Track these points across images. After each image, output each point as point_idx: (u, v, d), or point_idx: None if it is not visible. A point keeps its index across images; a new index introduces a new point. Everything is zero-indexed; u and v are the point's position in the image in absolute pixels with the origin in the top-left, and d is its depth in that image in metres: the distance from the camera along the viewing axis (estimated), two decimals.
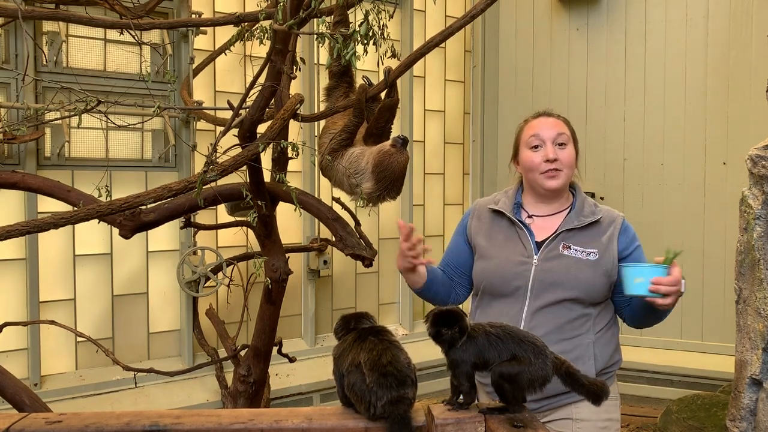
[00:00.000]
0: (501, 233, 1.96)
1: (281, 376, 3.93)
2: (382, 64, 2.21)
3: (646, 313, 1.86)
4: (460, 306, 2.13)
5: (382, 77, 2.19)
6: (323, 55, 3.96)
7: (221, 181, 2.11)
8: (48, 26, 3.33)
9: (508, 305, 1.88)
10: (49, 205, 3.06)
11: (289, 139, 2.15)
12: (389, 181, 2.16)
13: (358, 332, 1.45)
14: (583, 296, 1.84)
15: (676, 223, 4.38)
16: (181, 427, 1.31)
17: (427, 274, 1.99)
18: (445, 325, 1.39)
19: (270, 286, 2.45)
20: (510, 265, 1.90)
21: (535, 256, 1.88)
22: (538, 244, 1.90)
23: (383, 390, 1.30)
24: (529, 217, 1.97)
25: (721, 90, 4.25)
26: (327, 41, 1.81)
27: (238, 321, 3.46)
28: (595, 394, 1.41)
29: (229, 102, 2.24)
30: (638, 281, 1.72)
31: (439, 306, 1.46)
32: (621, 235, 1.90)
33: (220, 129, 2.84)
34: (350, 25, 2.25)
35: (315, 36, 1.71)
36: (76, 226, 3.04)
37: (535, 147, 1.92)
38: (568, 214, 1.94)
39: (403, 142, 2.15)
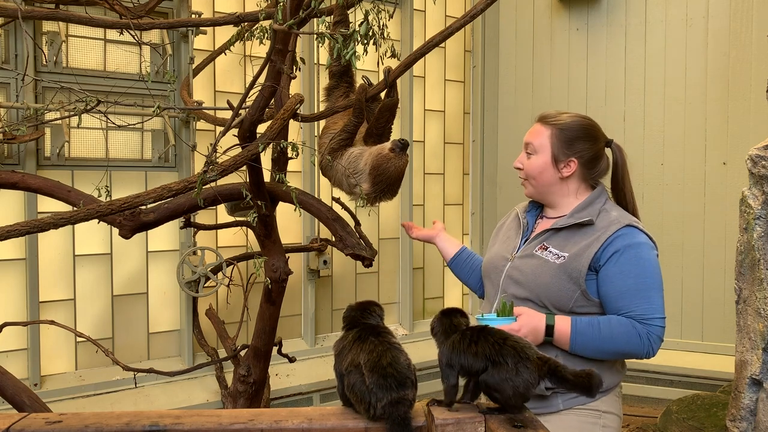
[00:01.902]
0: (510, 231, 2.03)
1: (281, 376, 3.93)
2: (382, 64, 2.21)
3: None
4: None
5: (382, 77, 2.19)
6: (323, 55, 3.96)
7: (221, 181, 2.11)
8: (48, 26, 3.32)
9: (491, 298, 1.96)
10: (49, 205, 3.06)
11: (289, 139, 2.15)
12: (385, 185, 2.17)
13: (359, 331, 1.45)
14: (540, 299, 1.79)
15: (676, 223, 4.38)
16: (181, 427, 1.31)
17: (456, 254, 2.25)
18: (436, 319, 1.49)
19: (270, 286, 2.45)
20: (494, 260, 1.98)
21: (514, 253, 1.92)
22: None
23: (383, 391, 1.31)
24: (541, 217, 2.00)
25: (721, 90, 4.25)
26: (327, 41, 1.81)
27: (238, 321, 3.46)
28: (584, 386, 1.34)
29: (229, 102, 2.24)
30: None
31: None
32: (607, 244, 1.76)
33: (220, 129, 2.84)
34: (350, 25, 2.25)
35: (315, 36, 1.71)
36: (76, 226, 3.04)
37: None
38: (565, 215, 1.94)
39: (403, 146, 2.14)
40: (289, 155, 2.00)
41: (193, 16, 3.67)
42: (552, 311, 1.78)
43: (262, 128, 2.05)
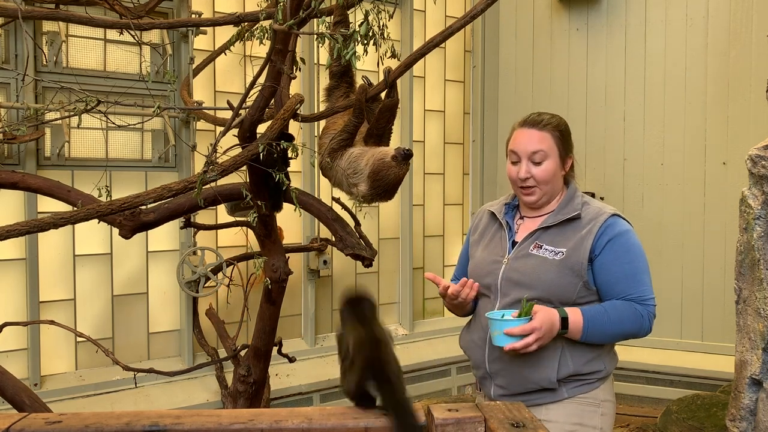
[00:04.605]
0: (490, 234, 2.02)
1: (281, 376, 3.93)
2: (382, 64, 2.20)
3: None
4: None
5: (382, 77, 2.19)
6: (323, 55, 3.96)
7: (221, 181, 2.11)
8: (48, 26, 3.32)
9: (485, 303, 1.96)
10: (49, 205, 3.06)
11: None
12: (382, 190, 2.18)
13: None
14: (548, 296, 1.83)
15: (676, 223, 4.38)
16: (181, 427, 1.30)
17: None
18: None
19: (270, 286, 2.45)
20: (484, 264, 1.97)
21: (507, 256, 1.91)
22: (515, 244, 1.93)
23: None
24: (521, 218, 2.00)
25: (721, 90, 4.25)
26: (327, 41, 1.81)
27: (238, 321, 3.46)
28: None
29: (229, 102, 2.24)
30: (496, 334, 1.76)
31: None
32: (600, 234, 1.85)
33: (220, 129, 2.84)
34: (350, 25, 2.25)
35: (315, 36, 1.71)
36: (76, 226, 3.04)
37: (514, 162, 1.95)
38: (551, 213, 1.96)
39: (406, 156, 2.14)
40: (289, 155, 2.00)
41: (193, 16, 3.67)
42: (557, 308, 1.82)
43: (262, 128, 2.05)
